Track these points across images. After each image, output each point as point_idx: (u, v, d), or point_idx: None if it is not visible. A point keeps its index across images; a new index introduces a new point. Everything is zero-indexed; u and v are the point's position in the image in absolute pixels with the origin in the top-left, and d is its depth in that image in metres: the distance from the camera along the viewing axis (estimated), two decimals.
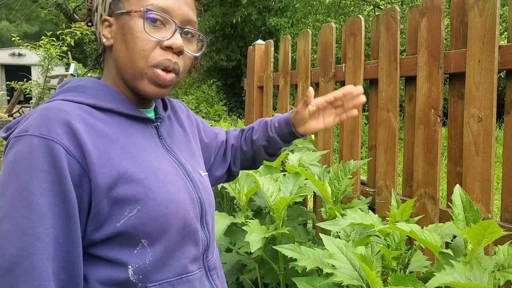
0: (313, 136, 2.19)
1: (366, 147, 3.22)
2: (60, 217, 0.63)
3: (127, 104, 0.76)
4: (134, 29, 0.72)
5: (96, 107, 0.72)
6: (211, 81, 13.25)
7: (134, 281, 0.68)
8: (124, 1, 0.75)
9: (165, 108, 0.88)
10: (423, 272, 1.12)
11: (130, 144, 0.72)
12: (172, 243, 0.72)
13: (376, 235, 1.14)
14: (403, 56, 1.61)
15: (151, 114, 0.83)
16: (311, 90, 0.97)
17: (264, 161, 1.10)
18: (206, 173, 0.89)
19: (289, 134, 1.02)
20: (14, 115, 8.74)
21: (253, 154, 1.07)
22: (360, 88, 1.00)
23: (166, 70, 0.73)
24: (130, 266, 0.68)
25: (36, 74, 6.54)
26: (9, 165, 0.63)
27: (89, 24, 0.83)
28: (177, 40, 0.73)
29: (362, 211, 1.22)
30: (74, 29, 5.72)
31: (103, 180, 0.66)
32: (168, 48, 0.73)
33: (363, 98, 1.01)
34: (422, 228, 0.98)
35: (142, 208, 0.68)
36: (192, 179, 0.80)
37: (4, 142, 0.73)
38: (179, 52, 0.74)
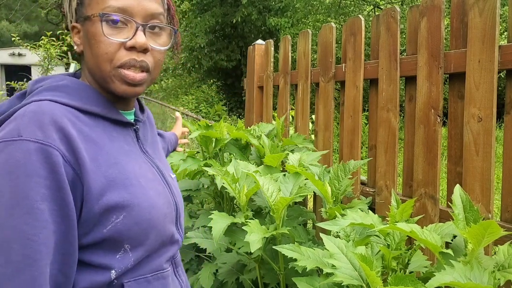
0: (313, 136, 2.19)
1: (366, 147, 3.22)
2: (60, 221, 0.63)
3: (111, 108, 0.77)
4: (96, 34, 0.71)
5: (81, 110, 0.72)
6: (211, 81, 13.25)
7: (112, 280, 0.70)
8: (86, 6, 0.73)
9: (141, 110, 0.89)
10: (423, 272, 1.12)
11: (114, 150, 0.73)
12: (152, 247, 0.75)
13: (376, 235, 1.14)
14: (403, 56, 1.61)
15: (131, 117, 0.84)
16: (178, 115, 1.78)
17: None
18: (175, 175, 0.92)
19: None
20: None
21: None
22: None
23: (134, 69, 0.73)
24: (113, 271, 0.70)
25: (36, 74, 6.54)
26: (1, 170, 0.61)
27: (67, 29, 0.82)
28: (139, 39, 0.72)
29: (362, 211, 1.22)
30: None
31: (94, 187, 0.66)
32: (132, 48, 0.72)
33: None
34: (422, 228, 0.98)
35: (127, 214, 0.69)
36: (168, 183, 0.82)
37: None
38: (144, 50, 0.73)
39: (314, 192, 1.62)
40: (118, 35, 0.72)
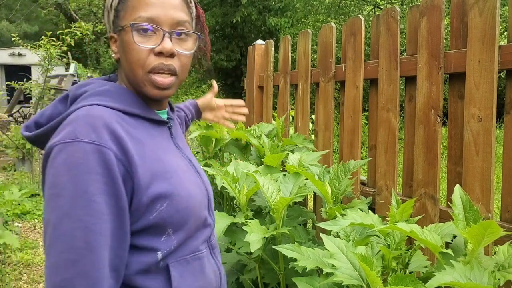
0: (313, 136, 2.19)
1: (366, 147, 3.22)
2: (115, 213, 0.71)
3: (148, 109, 0.86)
4: (130, 42, 0.80)
5: (125, 112, 0.81)
6: (211, 81, 13.23)
7: (159, 261, 0.79)
8: (121, 18, 0.82)
9: (172, 109, 0.98)
10: (423, 272, 1.12)
11: (155, 146, 0.82)
12: (190, 230, 0.84)
13: (376, 235, 1.14)
14: (403, 56, 1.61)
15: (164, 116, 0.93)
16: (215, 84, 1.54)
17: None
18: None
19: (195, 118, 1.44)
20: (14, 115, 8.74)
21: None
22: (244, 105, 1.56)
23: (163, 73, 0.81)
24: (159, 252, 0.79)
25: (36, 74, 6.54)
26: (62, 168, 0.70)
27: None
28: (166, 44, 0.80)
29: (362, 211, 1.22)
30: (74, 29, 5.73)
31: (143, 180, 0.75)
32: (160, 53, 0.80)
33: (245, 110, 1.56)
34: (422, 228, 0.98)
35: (170, 203, 0.78)
36: (200, 174, 0.92)
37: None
38: (171, 55, 0.81)
39: (314, 192, 1.62)
40: (148, 42, 0.80)
